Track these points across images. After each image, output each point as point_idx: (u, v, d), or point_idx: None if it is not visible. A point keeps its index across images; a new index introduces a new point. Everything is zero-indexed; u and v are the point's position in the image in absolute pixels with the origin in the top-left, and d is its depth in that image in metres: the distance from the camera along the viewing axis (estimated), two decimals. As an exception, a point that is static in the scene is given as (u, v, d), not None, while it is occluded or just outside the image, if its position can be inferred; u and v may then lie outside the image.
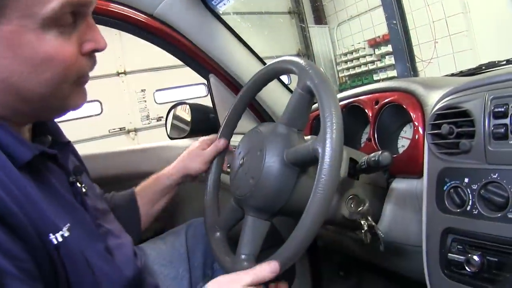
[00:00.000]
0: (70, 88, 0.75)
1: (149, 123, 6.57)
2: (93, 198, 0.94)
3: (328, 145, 0.77)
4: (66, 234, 0.73)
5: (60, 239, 0.72)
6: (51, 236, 0.71)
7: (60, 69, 0.71)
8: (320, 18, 8.50)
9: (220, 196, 1.21)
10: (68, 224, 0.75)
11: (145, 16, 1.50)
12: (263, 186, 0.91)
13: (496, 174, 0.81)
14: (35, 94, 0.71)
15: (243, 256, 0.91)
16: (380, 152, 0.94)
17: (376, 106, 1.21)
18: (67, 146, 0.91)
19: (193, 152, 1.26)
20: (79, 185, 0.88)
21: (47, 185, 0.77)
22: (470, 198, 0.85)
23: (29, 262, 0.67)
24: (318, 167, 0.78)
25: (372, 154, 0.96)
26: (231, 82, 1.65)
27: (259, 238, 0.94)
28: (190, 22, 1.54)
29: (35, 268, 0.68)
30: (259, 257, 0.94)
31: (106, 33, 1.48)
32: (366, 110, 1.24)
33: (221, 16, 1.60)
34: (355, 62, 7.91)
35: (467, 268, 0.84)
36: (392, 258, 1.20)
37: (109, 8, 1.46)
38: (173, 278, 1.22)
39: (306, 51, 8.20)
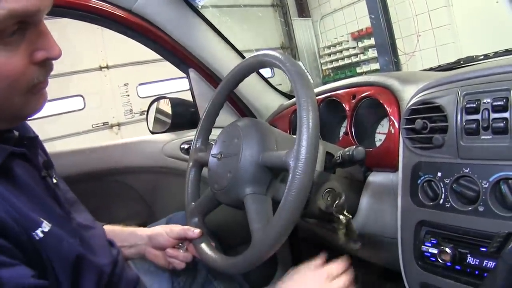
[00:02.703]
0: (23, 98, 0.72)
1: (132, 117, 6.53)
2: (63, 190, 0.94)
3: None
4: (46, 229, 0.74)
5: (41, 235, 0.72)
6: (32, 233, 0.71)
7: (6, 84, 0.67)
8: (303, 11, 8.51)
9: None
10: (45, 220, 0.75)
11: (124, 11, 1.49)
12: (240, 182, 0.93)
13: (468, 169, 0.83)
14: None
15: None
16: (354, 147, 0.95)
17: (353, 101, 1.22)
18: (34, 141, 0.88)
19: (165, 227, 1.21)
20: (50, 179, 0.87)
21: (20, 183, 0.76)
22: (443, 191, 0.87)
23: (19, 254, 0.68)
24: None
25: (346, 149, 0.97)
26: (210, 77, 1.66)
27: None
28: (169, 17, 1.54)
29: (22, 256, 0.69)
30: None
31: (88, 26, 1.48)
32: (343, 104, 1.25)
33: (200, 10, 1.59)
34: (338, 55, 7.95)
35: (439, 259, 0.87)
36: (370, 249, 1.22)
37: (88, 4, 1.45)
38: (153, 272, 1.23)
39: (290, 44, 8.20)
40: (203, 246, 1.08)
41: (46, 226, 0.74)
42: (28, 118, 0.81)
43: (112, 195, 1.31)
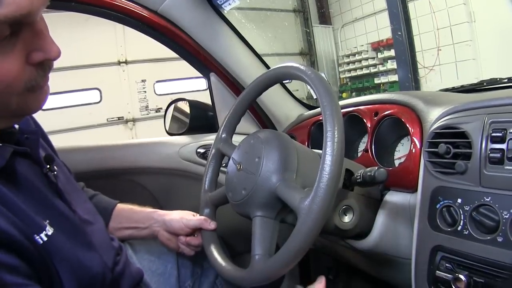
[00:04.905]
0: (21, 97, 0.70)
1: (147, 114, 6.58)
2: (63, 180, 0.93)
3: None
4: (50, 232, 0.74)
5: (45, 238, 0.72)
6: (36, 237, 0.71)
7: (1, 87, 0.65)
8: (324, 18, 8.50)
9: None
10: (48, 220, 0.76)
11: (149, 12, 1.50)
12: (252, 203, 0.93)
13: (489, 198, 0.82)
14: None
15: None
16: (376, 168, 0.95)
17: (375, 118, 1.21)
18: (35, 134, 0.86)
19: (183, 214, 1.22)
20: (51, 173, 0.87)
21: (22, 183, 0.76)
22: (462, 218, 0.86)
23: (24, 266, 0.67)
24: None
25: (368, 169, 0.96)
26: (231, 82, 1.65)
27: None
28: (194, 21, 1.54)
29: (29, 269, 0.68)
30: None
31: (109, 21, 1.49)
32: (365, 121, 1.25)
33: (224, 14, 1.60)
34: (357, 64, 7.93)
35: (453, 286, 0.85)
36: (381, 268, 1.21)
37: (113, 2, 1.45)
38: (160, 274, 1.23)
39: (309, 50, 8.19)
40: (213, 248, 1.09)
41: (49, 229, 0.74)
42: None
43: (125, 194, 1.31)
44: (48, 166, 0.86)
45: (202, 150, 1.68)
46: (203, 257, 1.18)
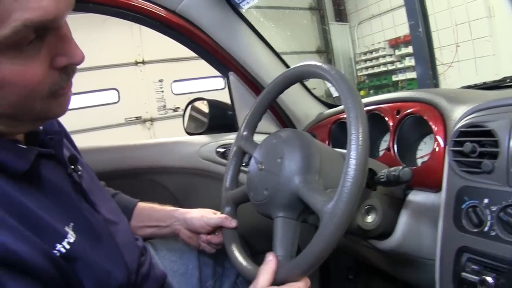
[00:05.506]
0: (44, 102, 0.70)
1: (165, 113, 6.62)
2: (87, 180, 0.93)
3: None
4: (72, 239, 0.73)
5: (67, 247, 0.71)
6: (58, 246, 0.70)
7: (25, 92, 0.65)
8: (341, 15, 8.46)
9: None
10: (72, 223, 0.76)
11: (167, 12, 1.50)
12: (274, 203, 0.92)
13: (517, 198, 0.80)
14: (5, 114, 0.68)
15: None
16: (401, 167, 0.93)
17: (398, 116, 1.19)
18: (60, 135, 0.86)
19: (203, 212, 1.23)
20: (76, 173, 0.87)
21: (46, 185, 0.76)
22: (489, 219, 0.84)
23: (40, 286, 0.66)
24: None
25: (392, 169, 0.95)
26: (251, 81, 1.65)
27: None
28: (213, 20, 1.54)
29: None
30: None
31: (126, 21, 1.50)
32: (386, 119, 1.23)
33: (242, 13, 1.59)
34: (374, 62, 7.88)
35: (480, 288, 0.83)
36: (404, 268, 1.20)
37: (130, 2, 1.46)
38: (182, 274, 1.23)
39: (326, 48, 8.16)
40: (234, 247, 1.08)
41: (71, 236, 0.73)
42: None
43: (145, 193, 1.32)
44: (72, 167, 0.87)
45: (221, 150, 1.68)
46: (224, 257, 1.18)
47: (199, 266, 1.25)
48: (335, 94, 0.88)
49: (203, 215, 1.18)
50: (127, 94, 6.26)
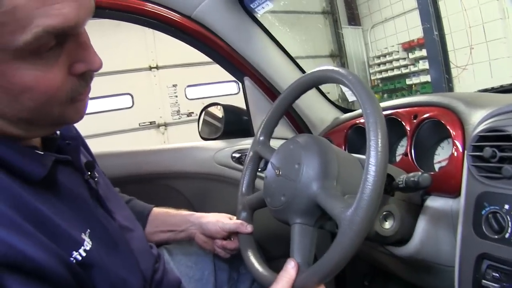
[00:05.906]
0: (62, 107, 0.70)
1: (179, 118, 6.64)
2: (103, 187, 0.93)
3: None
4: (88, 247, 0.73)
5: (84, 254, 0.71)
6: (74, 254, 0.70)
7: (44, 98, 0.65)
8: (354, 19, 8.43)
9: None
10: (89, 230, 0.76)
11: (182, 17, 1.51)
12: (291, 209, 0.92)
13: (539, 204, 0.78)
14: (22, 119, 0.68)
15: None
16: (420, 173, 0.92)
17: (415, 121, 1.18)
18: (77, 141, 0.87)
19: (219, 217, 1.23)
20: (92, 180, 0.87)
21: (63, 192, 0.76)
22: (510, 225, 0.82)
23: None
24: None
25: (411, 174, 0.94)
26: (266, 86, 1.65)
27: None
28: (228, 25, 1.54)
29: None
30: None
31: (140, 27, 1.50)
32: (403, 124, 1.22)
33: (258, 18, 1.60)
34: (388, 66, 7.82)
35: (501, 296, 0.82)
36: (421, 275, 1.18)
37: (145, 8, 1.47)
38: (198, 280, 1.23)
39: (339, 52, 8.13)
40: (249, 252, 1.08)
41: (88, 244, 0.73)
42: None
43: (160, 198, 1.32)
44: (89, 173, 0.87)
45: (237, 155, 1.68)
46: (239, 262, 1.18)
47: (215, 271, 1.25)
48: (351, 98, 0.87)
49: (219, 220, 1.18)
50: (141, 99, 6.29)
